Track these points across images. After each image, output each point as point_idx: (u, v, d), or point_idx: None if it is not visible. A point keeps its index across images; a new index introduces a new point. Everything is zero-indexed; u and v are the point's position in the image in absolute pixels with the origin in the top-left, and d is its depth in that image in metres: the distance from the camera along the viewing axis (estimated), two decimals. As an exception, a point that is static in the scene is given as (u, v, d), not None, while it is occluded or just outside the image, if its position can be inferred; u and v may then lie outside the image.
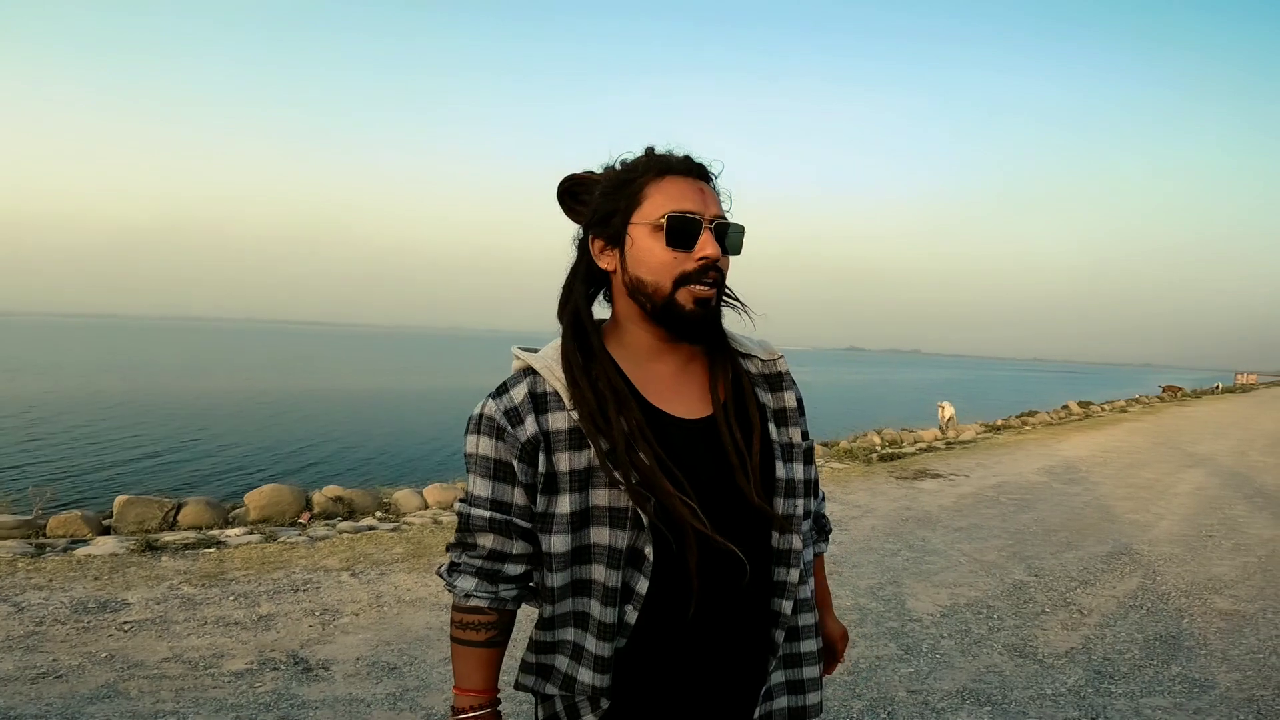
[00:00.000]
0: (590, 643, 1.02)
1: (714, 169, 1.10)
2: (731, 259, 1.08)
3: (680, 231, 1.01)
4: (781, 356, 1.17)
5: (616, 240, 1.06)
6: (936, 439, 12.54)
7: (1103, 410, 20.21)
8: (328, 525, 5.58)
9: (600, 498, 1.02)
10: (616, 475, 0.98)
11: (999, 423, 15.44)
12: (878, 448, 10.99)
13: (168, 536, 4.99)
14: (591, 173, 1.12)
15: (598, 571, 1.02)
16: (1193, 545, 5.84)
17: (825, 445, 11.01)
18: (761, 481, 1.07)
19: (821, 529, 1.32)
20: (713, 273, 1.02)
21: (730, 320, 1.15)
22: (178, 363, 51.23)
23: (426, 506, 6.37)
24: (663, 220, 1.02)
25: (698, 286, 1.02)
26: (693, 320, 1.03)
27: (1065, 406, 19.72)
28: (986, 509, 6.98)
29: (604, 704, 1.03)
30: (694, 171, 1.06)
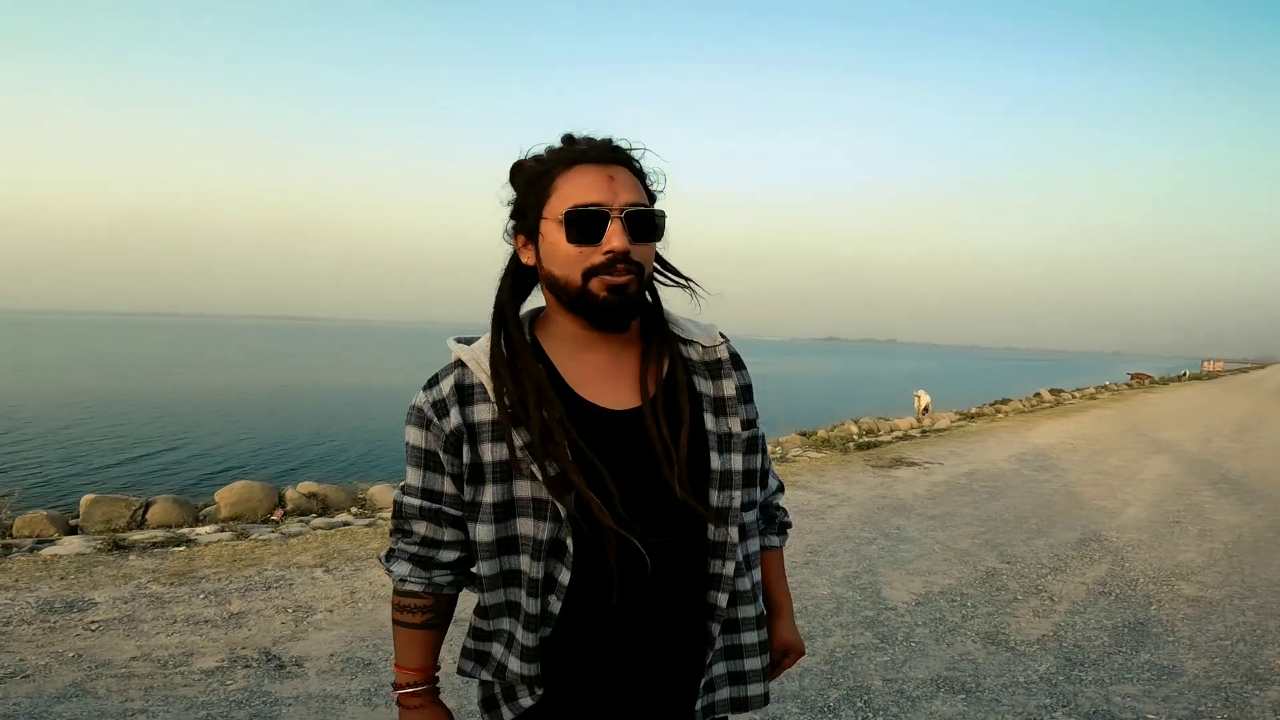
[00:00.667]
0: (519, 632, 1.04)
1: (636, 150, 1.06)
2: (660, 245, 1.07)
3: (583, 226, 0.99)
4: (723, 343, 1.14)
5: (533, 235, 1.05)
6: (912, 427, 12.67)
7: (1073, 397, 20.55)
8: (301, 522, 5.51)
9: (523, 489, 1.03)
10: (533, 468, 1.00)
11: (972, 411, 15.64)
12: (855, 436, 11.07)
13: (136, 535, 4.90)
14: (540, 157, 1.08)
15: (524, 562, 1.04)
16: (1159, 532, 5.96)
17: (803, 435, 11.07)
18: (695, 473, 1.06)
19: (772, 520, 1.30)
20: (621, 264, 1.00)
21: (680, 304, 1.15)
22: (156, 360, 50.44)
23: (402, 500, 6.32)
24: (563, 216, 1.00)
25: (608, 276, 1.00)
26: (608, 308, 1.01)
27: (1037, 394, 20.02)
28: (959, 497, 7.07)
29: (538, 691, 1.06)
30: (605, 157, 1.02)
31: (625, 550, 1.01)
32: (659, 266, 1.13)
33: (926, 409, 15.15)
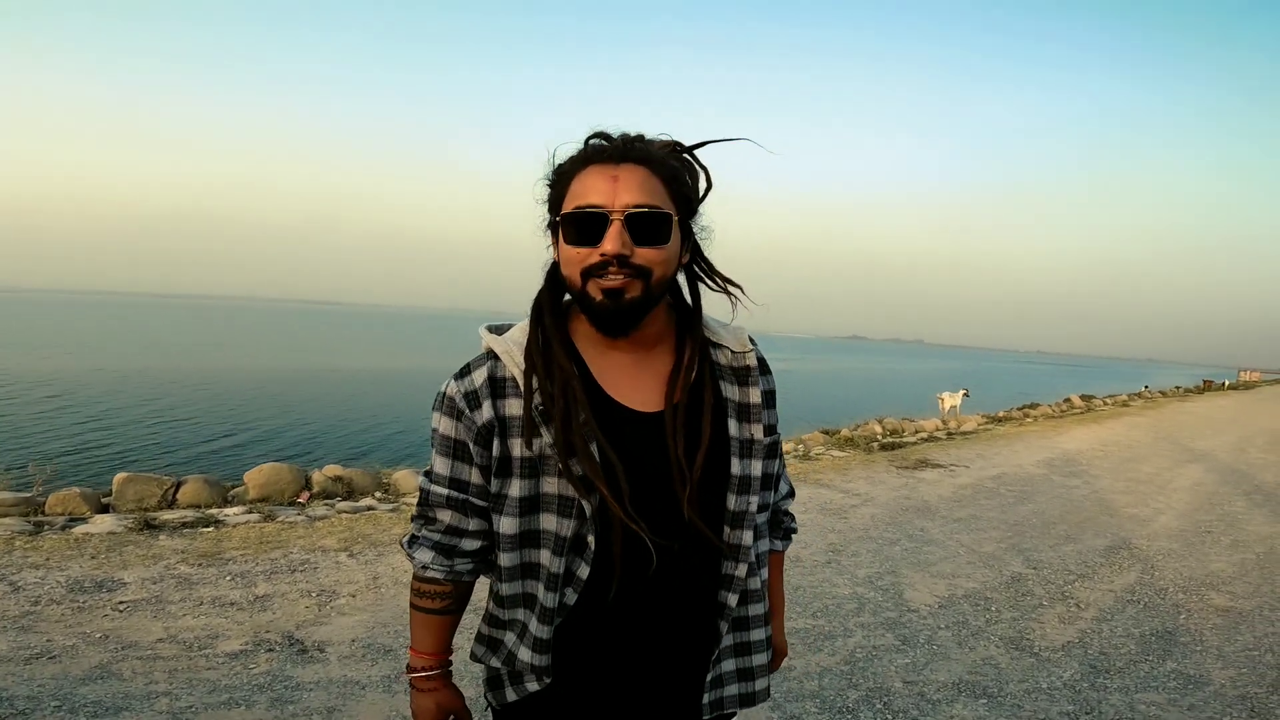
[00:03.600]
0: (533, 624, 1.07)
1: (657, 146, 1.05)
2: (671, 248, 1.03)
3: (578, 229, 1.00)
4: (751, 350, 1.14)
5: (555, 233, 1.07)
6: (938, 429, 12.53)
7: (1104, 404, 20.18)
8: (327, 505, 5.58)
9: (550, 485, 1.05)
10: (559, 466, 1.02)
11: (1000, 414, 15.41)
12: (879, 436, 10.97)
13: (166, 515, 4.98)
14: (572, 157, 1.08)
15: (544, 557, 1.06)
16: (1191, 541, 5.84)
17: (826, 433, 10.99)
18: (714, 477, 1.07)
19: (777, 525, 1.31)
20: (613, 266, 0.99)
21: (716, 305, 1.15)
22: (190, 341, 51.33)
23: (425, 489, 6.37)
24: (560, 218, 1.02)
25: (601, 280, 1.00)
26: (602, 313, 1.02)
27: (1067, 399, 19.68)
28: (986, 500, 6.98)
29: (546, 679, 1.08)
30: (615, 156, 1.02)
31: (631, 547, 1.03)
32: (701, 269, 1.13)
33: (953, 409, 14.96)
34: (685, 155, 1.09)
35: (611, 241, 0.98)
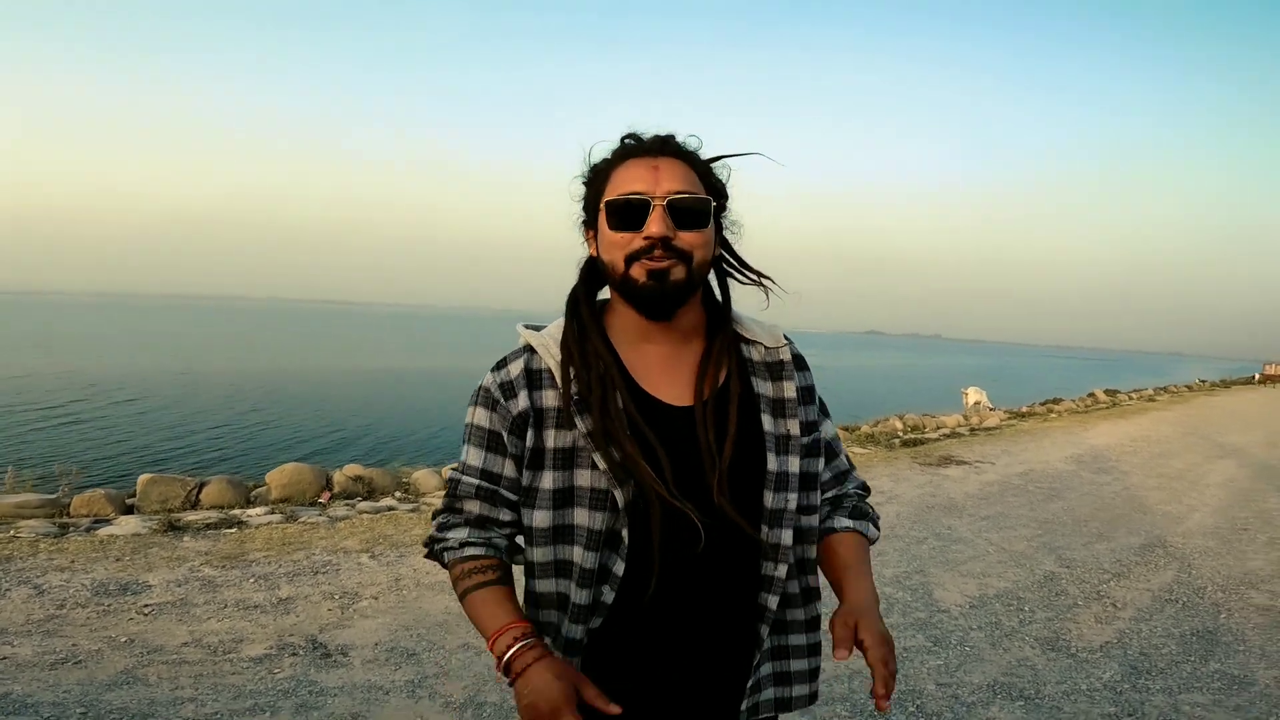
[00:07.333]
0: (565, 625, 1.05)
1: (690, 144, 1.09)
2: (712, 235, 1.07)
3: (622, 214, 1.03)
4: (785, 344, 1.15)
5: (594, 227, 1.10)
6: (960, 425, 12.37)
7: (1130, 399, 19.87)
8: (347, 505, 5.57)
9: (583, 478, 1.04)
10: (594, 456, 1.01)
11: (1023, 410, 15.20)
12: (900, 433, 10.85)
13: (190, 516, 4.99)
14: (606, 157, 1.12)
15: (576, 553, 1.04)
16: (1227, 538, 5.70)
17: (846, 430, 10.87)
18: (750, 474, 1.06)
19: (839, 505, 1.20)
20: (659, 250, 1.01)
21: (747, 302, 1.16)
22: (212, 341, 51.78)
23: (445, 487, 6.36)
24: (605, 205, 1.05)
25: (648, 260, 1.02)
26: (647, 294, 1.03)
27: (1092, 394, 19.39)
28: (1014, 497, 6.86)
29: None
30: (653, 150, 1.06)
31: (672, 534, 1.01)
32: (732, 262, 1.16)
33: (978, 405, 14.77)
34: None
35: (656, 224, 1.01)
